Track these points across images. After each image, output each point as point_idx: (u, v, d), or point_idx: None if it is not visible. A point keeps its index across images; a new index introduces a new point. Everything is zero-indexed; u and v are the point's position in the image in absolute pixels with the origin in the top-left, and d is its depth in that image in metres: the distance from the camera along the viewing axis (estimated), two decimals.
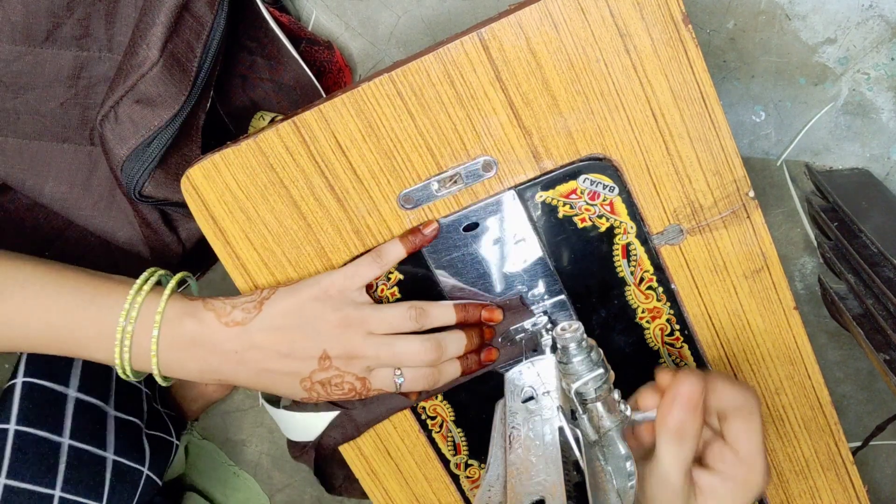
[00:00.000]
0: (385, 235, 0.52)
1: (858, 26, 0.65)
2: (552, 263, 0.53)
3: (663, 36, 0.46)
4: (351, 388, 0.50)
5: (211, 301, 0.50)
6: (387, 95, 0.48)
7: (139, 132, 0.54)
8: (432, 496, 0.59)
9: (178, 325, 0.48)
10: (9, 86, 0.60)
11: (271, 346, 0.48)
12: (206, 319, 0.48)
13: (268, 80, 0.68)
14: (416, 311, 0.50)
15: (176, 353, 0.48)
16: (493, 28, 0.46)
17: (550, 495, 0.37)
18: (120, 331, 0.47)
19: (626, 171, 0.49)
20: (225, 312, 0.49)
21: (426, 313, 0.51)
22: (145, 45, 0.53)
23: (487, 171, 0.50)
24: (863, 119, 0.68)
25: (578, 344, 0.43)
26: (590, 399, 0.43)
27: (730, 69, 0.68)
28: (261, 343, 0.48)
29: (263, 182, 0.50)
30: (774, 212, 0.72)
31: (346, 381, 0.49)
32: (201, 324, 0.48)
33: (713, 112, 0.48)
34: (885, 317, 0.61)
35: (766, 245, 0.51)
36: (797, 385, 0.55)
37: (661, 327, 0.54)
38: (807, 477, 0.57)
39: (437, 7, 0.69)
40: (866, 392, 0.77)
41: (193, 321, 0.48)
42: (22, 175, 0.63)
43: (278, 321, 0.49)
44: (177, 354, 0.48)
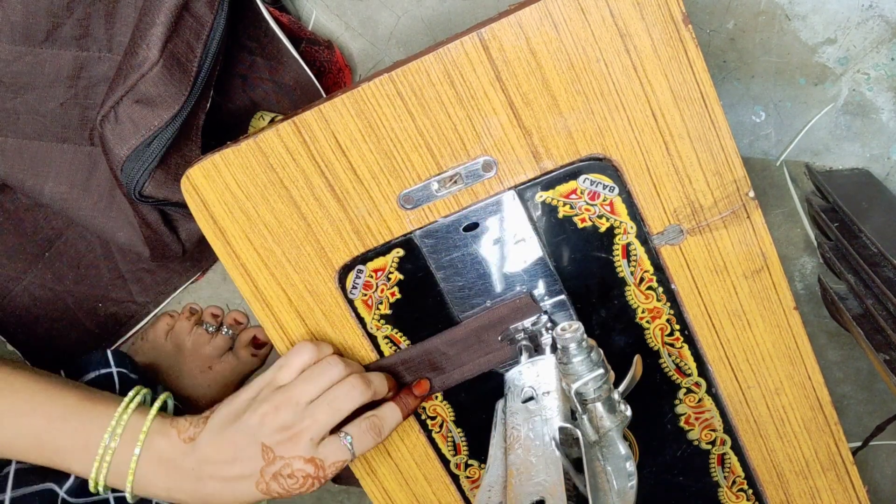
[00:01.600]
0: (385, 235, 0.52)
1: (858, 26, 0.65)
2: (552, 263, 0.52)
3: (663, 36, 0.46)
4: (305, 475, 0.48)
5: (177, 418, 0.51)
6: (387, 95, 0.48)
7: (139, 132, 0.54)
8: (432, 496, 0.59)
9: (151, 443, 0.49)
10: (9, 86, 0.60)
11: (218, 455, 0.49)
12: (171, 436, 0.49)
13: (268, 80, 0.68)
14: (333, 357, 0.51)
15: (147, 470, 0.49)
16: (493, 28, 0.46)
17: (550, 496, 0.37)
18: (103, 447, 0.48)
19: (626, 171, 0.49)
20: (184, 429, 0.50)
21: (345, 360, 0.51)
22: (145, 45, 0.53)
23: (487, 171, 0.50)
24: (863, 119, 0.68)
25: (578, 344, 0.43)
26: (590, 399, 0.43)
27: (730, 69, 0.68)
28: (210, 455, 0.49)
29: (263, 182, 0.50)
30: (774, 212, 0.72)
31: (297, 469, 0.48)
32: (168, 441, 0.49)
33: (713, 112, 0.48)
34: (885, 317, 0.61)
35: (766, 245, 0.51)
36: (797, 385, 0.55)
37: (661, 327, 0.54)
38: (807, 477, 0.57)
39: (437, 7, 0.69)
40: (866, 392, 0.77)
41: (162, 438, 0.49)
42: (22, 175, 0.63)
43: (220, 428, 0.49)
44: (147, 472, 0.49)
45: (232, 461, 0.48)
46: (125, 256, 0.75)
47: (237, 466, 0.48)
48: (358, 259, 0.53)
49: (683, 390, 0.55)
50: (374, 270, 0.53)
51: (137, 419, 0.50)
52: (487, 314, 0.53)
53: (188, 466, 0.49)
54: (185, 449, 0.49)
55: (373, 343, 0.55)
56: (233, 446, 0.48)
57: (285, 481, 0.48)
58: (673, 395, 0.56)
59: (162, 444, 0.49)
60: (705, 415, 0.56)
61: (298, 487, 0.49)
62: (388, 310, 0.54)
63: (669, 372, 0.55)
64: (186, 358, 0.77)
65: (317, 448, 0.49)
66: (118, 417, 0.49)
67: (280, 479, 0.48)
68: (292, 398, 0.49)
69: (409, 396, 0.54)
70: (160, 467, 0.49)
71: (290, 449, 0.48)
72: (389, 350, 0.55)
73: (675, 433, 0.57)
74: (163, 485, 0.49)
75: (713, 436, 0.57)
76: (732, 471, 0.57)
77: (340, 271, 0.53)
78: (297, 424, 0.48)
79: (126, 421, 0.49)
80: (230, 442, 0.49)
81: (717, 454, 0.57)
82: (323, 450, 0.49)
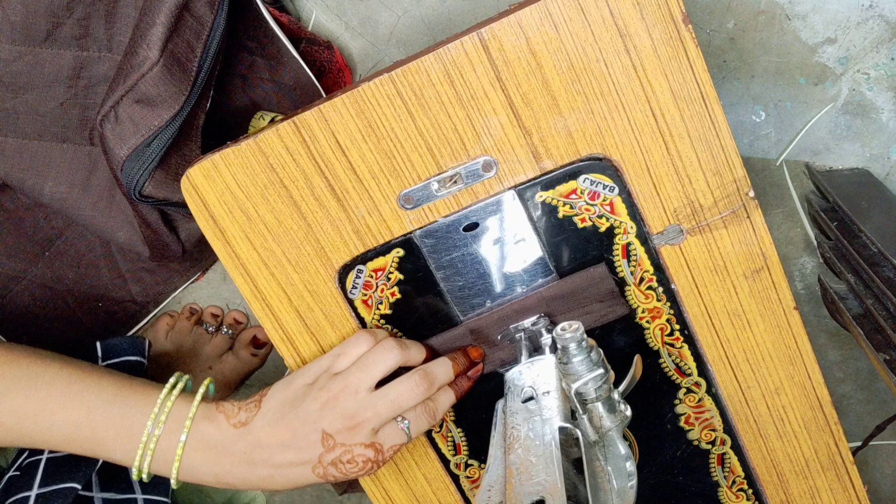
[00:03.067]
0: (385, 235, 0.52)
1: (858, 26, 0.65)
2: (552, 263, 0.52)
3: (663, 36, 0.46)
4: (365, 460, 0.49)
5: (222, 403, 0.50)
6: (387, 95, 0.48)
7: (139, 132, 0.54)
8: (432, 496, 0.59)
9: (197, 429, 0.49)
10: (9, 86, 0.60)
11: (274, 440, 0.49)
12: (218, 421, 0.49)
13: (268, 80, 0.68)
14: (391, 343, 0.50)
15: (193, 456, 0.49)
16: (493, 28, 0.46)
17: (550, 495, 0.37)
18: (146, 434, 0.48)
19: (626, 171, 0.49)
20: (233, 414, 0.50)
21: (405, 345, 0.51)
22: (145, 45, 0.53)
23: (487, 171, 0.50)
24: (863, 119, 0.68)
25: (578, 344, 0.43)
26: (590, 399, 0.43)
27: (730, 69, 0.68)
28: (264, 440, 0.49)
29: (263, 182, 0.50)
30: (774, 212, 0.72)
31: (358, 454, 0.49)
32: (216, 426, 0.49)
33: (713, 112, 0.48)
34: (885, 317, 0.61)
35: (766, 245, 0.51)
36: (797, 385, 0.55)
37: (661, 327, 0.54)
38: (807, 477, 0.57)
39: (437, 7, 0.69)
40: (866, 392, 0.77)
41: (209, 424, 0.49)
42: (22, 175, 0.63)
43: (276, 414, 0.49)
44: (194, 458, 0.49)
45: (289, 447, 0.49)
46: (125, 256, 0.75)
47: (295, 453, 0.49)
48: (358, 259, 0.53)
49: (683, 390, 0.55)
50: (374, 270, 0.53)
51: (180, 406, 0.49)
52: (559, 285, 0.52)
53: (239, 450, 0.49)
54: (237, 434, 0.49)
55: None
56: (291, 432, 0.49)
57: (344, 466, 0.49)
58: (673, 395, 0.56)
59: (209, 429, 0.49)
60: (705, 415, 0.56)
61: (358, 471, 0.50)
62: (388, 310, 0.54)
63: (669, 372, 0.55)
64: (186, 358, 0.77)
65: (376, 434, 0.49)
66: (160, 404, 0.49)
67: (339, 465, 0.49)
68: (350, 386, 0.49)
69: (463, 378, 0.53)
70: (208, 453, 0.49)
71: (351, 437, 0.49)
72: None
73: (675, 433, 0.57)
74: (210, 470, 0.49)
75: (713, 436, 0.57)
76: (732, 471, 0.57)
77: (340, 271, 0.53)
78: (360, 414, 0.49)
79: (169, 407, 0.49)
80: (288, 428, 0.49)
81: (717, 454, 0.57)
82: (382, 435, 0.49)
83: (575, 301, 0.52)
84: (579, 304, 0.52)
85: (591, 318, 0.53)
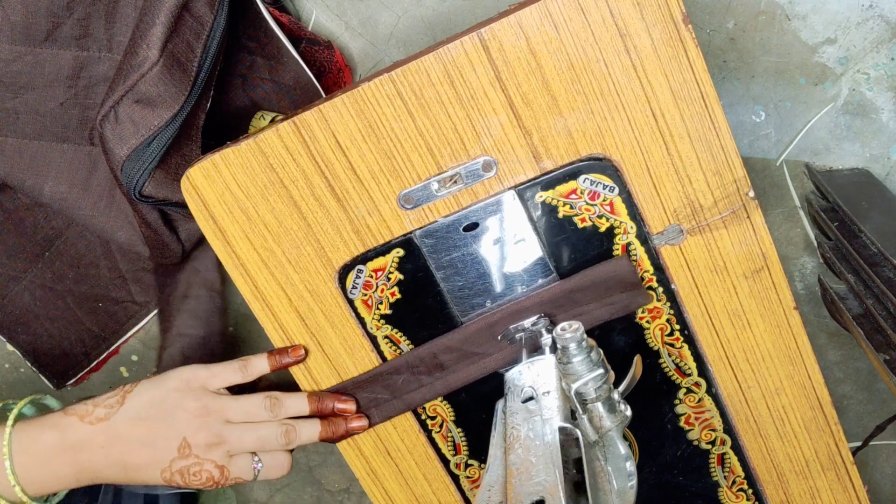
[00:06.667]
0: (385, 235, 0.52)
1: (858, 26, 0.65)
2: (552, 263, 0.52)
3: (663, 36, 0.46)
4: (209, 476, 0.51)
5: (71, 407, 0.51)
6: (387, 95, 0.48)
7: (139, 132, 0.54)
8: (432, 496, 0.59)
9: (35, 441, 0.49)
10: (9, 86, 0.60)
11: (133, 436, 0.50)
12: (67, 425, 0.50)
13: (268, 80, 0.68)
14: (271, 402, 0.53)
15: (43, 468, 0.49)
16: (493, 28, 0.46)
17: (550, 495, 0.37)
18: None
19: (626, 171, 0.49)
20: (87, 412, 0.50)
21: (280, 403, 0.53)
22: (145, 45, 0.53)
23: (487, 171, 0.50)
24: (863, 119, 0.68)
25: (578, 344, 0.43)
26: (590, 399, 0.43)
27: (730, 69, 0.68)
28: (124, 434, 0.50)
29: (263, 182, 0.50)
30: (774, 212, 0.72)
31: (205, 470, 0.51)
32: (63, 431, 0.50)
33: (713, 112, 0.48)
34: (885, 317, 0.60)
35: (766, 245, 0.51)
36: (797, 385, 0.55)
37: (661, 327, 0.54)
38: (807, 477, 0.57)
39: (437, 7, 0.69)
40: (866, 392, 0.77)
41: (52, 432, 0.50)
42: (22, 175, 0.63)
43: (141, 412, 0.50)
44: (45, 469, 0.50)
45: (147, 445, 0.50)
46: (125, 256, 0.75)
47: (150, 452, 0.50)
48: (358, 259, 0.53)
49: (683, 390, 0.55)
50: (374, 270, 0.53)
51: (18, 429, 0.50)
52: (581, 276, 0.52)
53: (97, 444, 0.50)
54: (95, 429, 0.50)
55: (373, 343, 0.55)
56: (152, 432, 0.50)
57: (189, 477, 0.51)
58: (673, 395, 0.56)
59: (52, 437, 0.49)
60: (705, 415, 0.56)
61: (199, 483, 0.51)
62: (388, 310, 0.54)
63: (669, 372, 0.55)
64: None
65: (229, 459, 0.51)
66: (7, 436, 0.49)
67: (185, 474, 0.51)
68: (224, 412, 0.51)
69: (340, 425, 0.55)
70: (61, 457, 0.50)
71: (207, 452, 0.50)
72: (389, 350, 0.55)
73: (675, 433, 0.57)
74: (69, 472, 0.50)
75: (713, 436, 0.57)
76: (732, 471, 0.57)
77: (340, 271, 0.53)
78: (224, 435, 0.51)
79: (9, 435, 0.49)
80: (150, 428, 0.50)
81: (717, 454, 0.57)
82: (234, 462, 0.51)
83: (596, 292, 0.52)
84: (600, 295, 0.52)
85: (612, 309, 0.52)
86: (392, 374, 0.55)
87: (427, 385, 0.55)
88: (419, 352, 0.54)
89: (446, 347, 0.54)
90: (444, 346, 0.54)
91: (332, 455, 0.83)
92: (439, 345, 0.54)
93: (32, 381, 0.80)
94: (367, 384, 0.55)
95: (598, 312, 0.53)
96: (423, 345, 0.54)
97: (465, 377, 0.55)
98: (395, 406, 0.56)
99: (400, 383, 0.55)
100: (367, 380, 0.55)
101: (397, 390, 0.55)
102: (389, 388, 0.55)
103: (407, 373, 0.55)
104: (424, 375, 0.55)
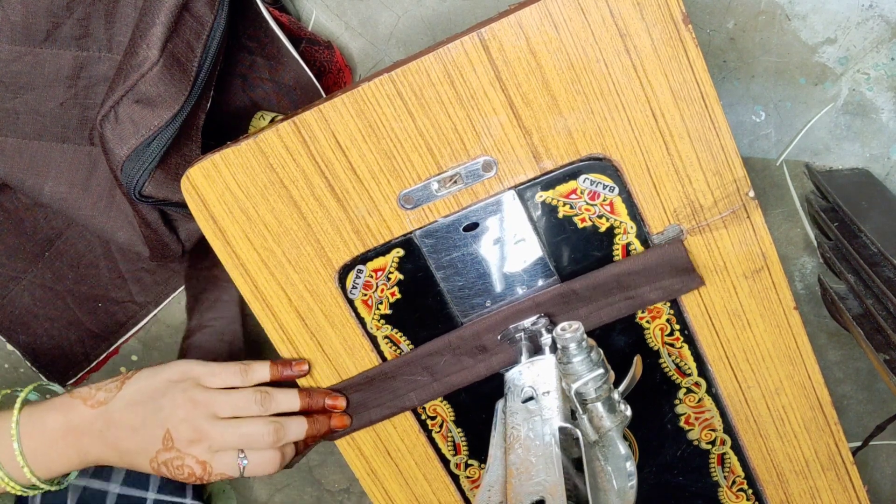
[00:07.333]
0: (385, 235, 0.52)
1: (858, 26, 0.65)
2: (552, 263, 0.52)
3: (663, 36, 0.46)
4: (190, 472, 0.51)
5: (77, 390, 0.52)
6: (387, 95, 0.48)
7: (139, 132, 0.54)
8: (432, 496, 0.59)
9: (41, 424, 0.50)
10: (8, 86, 0.60)
11: (126, 422, 0.50)
12: (72, 407, 0.50)
13: (268, 80, 0.68)
14: (262, 396, 0.52)
15: (49, 450, 0.50)
16: (493, 28, 0.46)
17: (550, 495, 0.37)
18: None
19: (626, 171, 0.49)
20: (90, 395, 0.51)
21: (271, 398, 0.52)
22: (145, 45, 0.53)
23: (487, 171, 0.50)
24: (863, 119, 0.68)
25: (578, 344, 0.43)
26: (590, 399, 0.43)
27: (730, 69, 0.68)
28: (118, 420, 0.50)
29: (263, 182, 0.50)
30: (774, 212, 0.72)
31: (186, 465, 0.50)
32: (67, 413, 0.50)
33: (713, 112, 0.48)
34: (885, 317, 0.60)
35: (766, 245, 0.51)
36: (797, 385, 0.55)
37: (661, 327, 0.54)
38: (807, 477, 0.57)
39: (437, 7, 0.69)
40: (866, 392, 0.77)
41: (57, 414, 0.50)
42: (22, 175, 0.63)
43: (136, 397, 0.51)
44: (52, 451, 0.50)
45: (136, 431, 0.50)
46: (125, 256, 0.75)
47: (139, 440, 0.50)
48: (358, 259, 0.53)
49: (683, 390, 0.55)
50: (374, 270, 0.53)
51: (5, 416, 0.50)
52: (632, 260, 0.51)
53: (96, 428, 0.50)
54: (95, 413, 0.50)
55: (373, 343, 0.55)
56: (141, 419, 0.50)
57: (172, 470, 0.51)
58: (673, 395, 0.56)
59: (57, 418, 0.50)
60: (705, 415, 0.56)
61: (183, 478, 0.51)
62: (388, 310, 0.54)
63: (669, 372, 0.55)
64: None
65: (213, 455, 0.51)
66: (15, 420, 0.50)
67: (170, 467, 0.51)
68: (211, 406, 0.51)
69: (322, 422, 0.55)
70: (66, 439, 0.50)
71: (188, 447, 0.50)
72: (389, 350, 0.55)
73: (675, 433, 0.57)
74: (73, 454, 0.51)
75: (713, 436, 0.57)
76: (732, 471, 0.57)
77: (340, 271, 0.53)
78: (207, 434, 0.50)
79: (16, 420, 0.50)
80: (139, 414, 0.50)
81: (717, 454, 0.57)
82: (217, 458, 0.51)
83: (646, 277, 0.51)
84: (651, 279, 0.51)
85: (660, 293, 0.52)
86: (391, 374, 0.55)
87: (426, 385, 0.55)
88: (419, 352, 0.54)
89: (446, 347, 0.54)
90: (443, 346, 0.54)
91: (332, 455, 0.83)
92: (439, 345, 0.54)
93: (32, 380, 0.79)
94: (364, 385, 0.55)
95: (651, 295, 0.52)
96: (423, 345, 0.54)
97: (465, 377, 0.55)
98: (395, 406, 0.56)
99: (399, 383, 0.55)
100: (364, 381, 0.55)
101: (396, 390, 0.55)
102: (388, 388, 0.55)
103: (406, 373, 0.55)
104: (424, 376, 0.55)
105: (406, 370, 0.55)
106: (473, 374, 0.55)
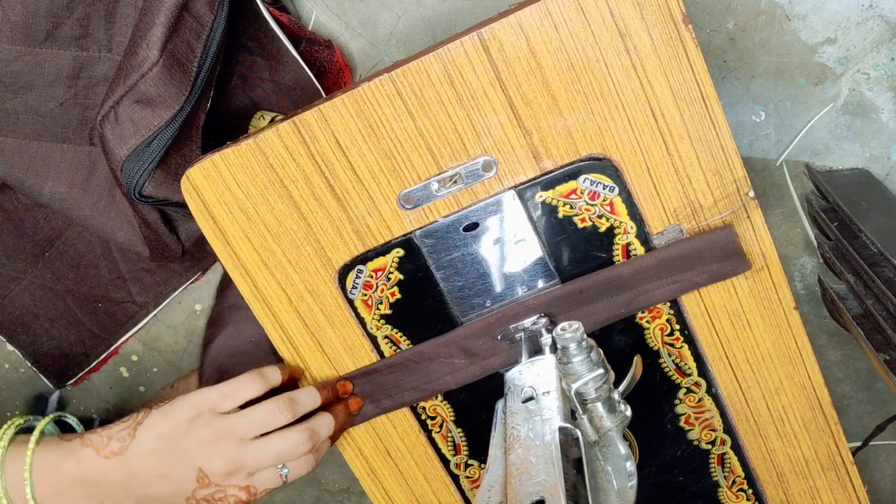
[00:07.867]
0: (385, 235, 0.52)
1: (858, 26, 0.65)
2: (552, 263, 0.52)
3: (663, 36, 0.46)
4: (237, 500, 0.50)
5: (88, 436, 0.50)
6: (387, 95, 0.48)
7: (139, 132, 0.54)
8: (432, 496, 0.59)
9: (58, 470, 0.49)
10: (8, 86, 0.60)
11: (149, 470, 0.49)
12: (85, 457, 0.49)
13: (268, 80, 0.68)
14: (284, 403, 0.50)
15: (62, 497, 0.49)
16: (493, 28, 0.46)
17: (550, 495, 0.37)
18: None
19: (626, 171, 0.49)
20: (102, 445, 0.49)
21: (294, 401, 0.51)
22: (145, 45, 0.53)
23: (487, 171, 0.50)
24: (863, 119, 0.68)
25: (578, 344, 0.43)
26: (590, 399, 0.43)
27: (730, 69, 0.68)
28: (140, 469, 0.49)
29: (263, 182, 0.50)
30: (774, 212, 0.72)
31: (230, 495, 0.49)
32: (81, 462, 0.49)
33: (713, 112, 0.48)
34: (885, 317, 0.60)
35: (766, 245, 0.51)
36: (797, 385, 0.55)
37: (661, 327, 0.54)
38: (807, 477, 0.57)
39: (437, 7, 0.69)
40: (866, 392, 0.77)
41: (72, 462, 0.49)
42: (21, 175, 0.63)
43: (153, 445, 0.49)
44: (65, 498, 0.49)
45: (163, 478, 0.49)
46: (125, 256, 0.75)
47: (168, 484, 0.49)
48: (358, 259, 0.53)
49: (683, 390, 0.55)
50: (374, 270, 0.53)
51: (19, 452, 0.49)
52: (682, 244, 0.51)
53: (115, 479, 0.49)
54: (110, 464, 0.49)
55: (373, 343, 0.55)
56: (167, 466, 0.49)
57: (216, 502, 0.50)
58: (673, 395, 0.56)
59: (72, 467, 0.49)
60: (705, 415, 0.56)
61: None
62: (388, 310, 0.54)
63: (669, 372, 0.55)
64: None
65: (253, 477, 0.50)
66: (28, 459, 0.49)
67: (211, 501, 0.49)
68: (237, 431, 0.49)
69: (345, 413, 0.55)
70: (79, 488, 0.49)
71: (227, 479, 0.49)
72: (389, 350, 0.55)
73: (675, 433, 0.57)
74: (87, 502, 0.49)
75: (713, 436, 0.57)
76: (732, 471, 0.57)
77: (340, 271, 0.53)
78: (241, 460, 0.49)
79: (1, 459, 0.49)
80: (164, 462, 0.49)
81: (717, 454, 0.57)
82: (258, 478, 0.50)
83: (695, 261, 0.51)
84: (699, 264, 0.51)
85: (707, 278, 0.51)
86: (390, 374, 0.55)
87: (426, 385, 0.55)
88: (417, 350, 0.54)
89: (446, 347, 0.54)
90: (443, 346, 0.54)
91: (332, 455, 0.83)
92: (439, 344, 0.54)
93: (32, 380, 0.80)
94: (363, 382, 0.55)
95: (697, 279, 0.51)
96: (422, 343, 0.54)
97: (465, 377, 0.55)
98: (393, 404, 0.56)
99: (398, 382, 0.55)
100: (361, 376, 0.55)
101: (395, 389, 0.55)
102: (386, 387, 0.55)
103: (405, 372, 0.55)
104: (422, 375, 0.55)
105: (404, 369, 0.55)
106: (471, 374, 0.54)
